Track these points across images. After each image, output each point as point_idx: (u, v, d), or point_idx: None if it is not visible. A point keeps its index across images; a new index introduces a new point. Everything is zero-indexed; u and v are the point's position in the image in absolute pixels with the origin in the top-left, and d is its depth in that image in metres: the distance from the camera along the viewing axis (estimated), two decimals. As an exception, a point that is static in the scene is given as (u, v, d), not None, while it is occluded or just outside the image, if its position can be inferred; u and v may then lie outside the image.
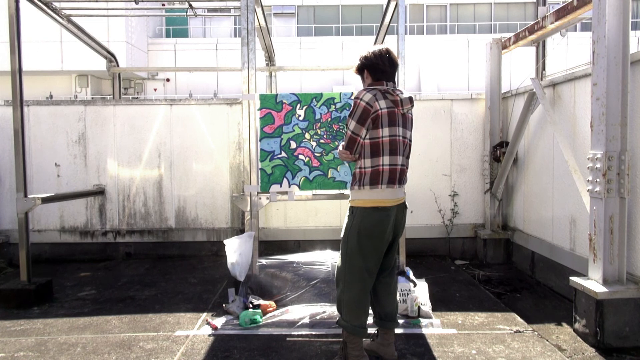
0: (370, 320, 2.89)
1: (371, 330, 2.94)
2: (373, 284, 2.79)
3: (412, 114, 2.86)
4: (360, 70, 2.83)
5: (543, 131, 4.62)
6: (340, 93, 4.08)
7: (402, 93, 2.75)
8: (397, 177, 2.71)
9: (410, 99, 2.75)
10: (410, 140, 2.84)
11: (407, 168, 2.85)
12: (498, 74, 5.42)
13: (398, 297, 3.54)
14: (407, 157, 2.86)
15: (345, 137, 2.74)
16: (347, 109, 4.05)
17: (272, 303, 3.69)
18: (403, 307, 3.53)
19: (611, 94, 3.08)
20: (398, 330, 3.28)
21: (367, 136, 2.67)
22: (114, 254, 5.68)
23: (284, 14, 22.09)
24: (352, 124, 2.66)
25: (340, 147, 2.79)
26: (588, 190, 3.29)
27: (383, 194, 2.67)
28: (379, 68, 2.73)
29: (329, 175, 4.01)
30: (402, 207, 2.81)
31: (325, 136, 4.04)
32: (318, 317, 3.48)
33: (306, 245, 5.47)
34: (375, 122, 2.63)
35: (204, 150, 5.60)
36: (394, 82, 2.80)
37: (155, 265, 5.30)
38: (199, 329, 3.42)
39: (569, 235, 4.14)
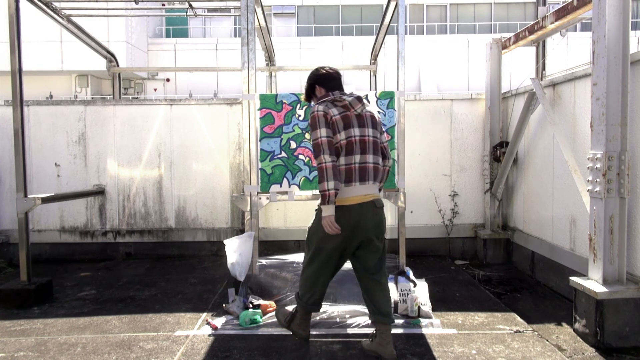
0: (367, 320, 2.98)
1: (369, 330, 3.03)
2: (333, 275, 3.06)
3: (370, 112, 2.97)
4: (311, 89, 3.07)
5: (543, 131, 4.62)
6: (340, 93, 4.08)
7: (349, 96, 2.90)
8: (367, 174, 2.85)
9: (359, 98, 2.90)
10: (378, 138, 2.96)
11: (382, 166, 2.97)
12: (498, 74, 5.42)
13: (398, 297, 3.55)
14: (383, 156, 2.98)
15: (321, 149, 2.79)
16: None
17: (272, 303, 3.69)
18: (403, 307, 3.53)
19: (611, 94, 3.08)
20: (398, 330, 3.28)
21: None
22: (114, 254, 5.68)
23: (284, 14, 22.09)
24: (322, 131, 2.80)
25: (327, 159, 2.77)
26: (588, 190, 3.29)
27: (355, 191, 2.82)
28: (329, 77, 3.01)
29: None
30: (370, 205, 2.87)
31: (325, 136, 4.04)
32: (318, 317, 3.48)
33: (306, 245, 5.46)
34: (332, 128, 2.81)
35: (204, 150, 5.60)
36: (343, 89, 3.02)
37: (155, 265, 5.30)
38: (199, 329, 3.42)
39: (569, 235, 4.14)
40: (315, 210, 2.98)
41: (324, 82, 3.02)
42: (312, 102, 3.12)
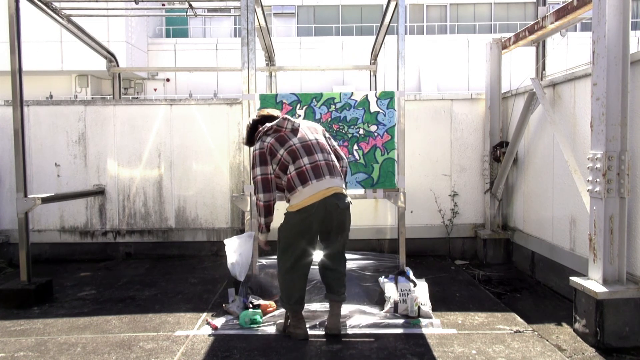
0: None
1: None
2: (307, 271, 3.22)
3: (306, 125, 3.23)
4: (254, 129, 3.27)
5: (543, 131, 4.62)
6: (340, 93, 4.08)
7: (276, 120, 3.16)
8: (321, 170, 3.04)
9: (284, 118, 3.16)
10: (322, 141, 3.19)
11: (335, 162, 3.17)
12: (498, 74, 5.42)
13: (398, 297, 3.56)
14: (337, 156, 3.23)
15: (257, 187, 3.09)
16: (347, 109, 4.06)
17: (272, 303, 3.69)
18: (403, 307, 3.53)
19: (611, 94, 3.08)
20: (398, 330, 3.29)
21: (275, 165, 3.07)
22: (114, 254, 5.68)
23: (284, 14, 22.08)
24: (257, 170, 3.08)
25: (261, 198, 3.08)
26: (588, 190, 3.29)
27: (313, 188, 2.98)
28: (266, 115, 3.28)
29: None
30: (333, 202, 3.01)
31: (325, 136, 4.04)
32: (317, 322, 3.47)
33: (306, 245, 5.46)
34: (271, 153, 3.07)
35: (204, 150, 5.60)
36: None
37: (155, 265, 5.30)
38: (199, 329, 3.42)
39: (569, 235, 4.14)
40: (285, 214, 3.16)
41: (263, 121, 3.26)
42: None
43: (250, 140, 3.32)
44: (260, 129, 3.20)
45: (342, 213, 3.09)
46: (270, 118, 3.25)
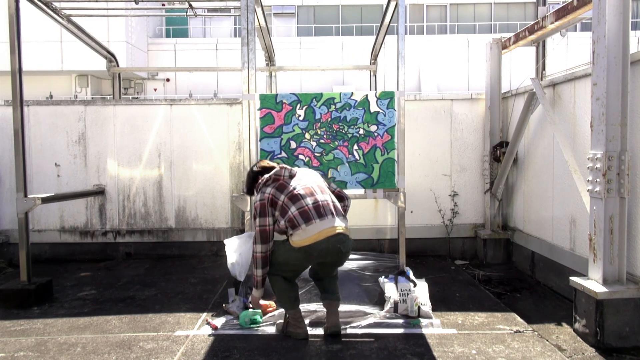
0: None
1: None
2: (295, 283, 3.33)
3: (298, 171, 3.33)
4: (254, 180, 3.37)
5: (543, 131, 4.62)
6: (340, 93, 4.08)
7: (273, 170, 3.28)
8: (324, 210, 3.10)
9: (281, 167, 3.28)
10: (322, 184, 3.29)
11: (337, 202, 3.24)
12: (498, 74, 5.42)
13: (398, 297, 3.56)
14: (339, 197, 3.35)
15: (255, 238, 3.17)
16: (347, 109, 4.06)
17: (272, 303, 3.69)
18: (403, 307, 3.53)
19: (611, 94, 3.08)
20: (398, 330, 3.29)
21: (277, 213, 3.15)
22: (114, 254, 5.68)
23: (284, 14, 22.09)
24: (257, 221, 3.17)
25: (258, 250, 3.15)
26: (588, 190, 3.29)
27: (317, 227, 3.02)
28: (264, 167, 3.38)
29: (329, 175, 4.01)
30: (337, 245, 3.06)
31: (325, 136, 4.05)
32: (318, 317, 3.48)
33: (306, 245, 5.45)
34: (273, 203, 3.16)
35: (204, 150, 5.60)
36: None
37: (155, 265, 5.30)
38: (199, 329, 3.42)
39: (569, 235, 4.14)
40: (287, 241, 3.19)
41: (263, 171, 3.35)
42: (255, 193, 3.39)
43: (250, 190, 3.42)
44: (260, 180, 3.29)
45: (344, 255, 3.17)
46: (269, 169, 3.34)
